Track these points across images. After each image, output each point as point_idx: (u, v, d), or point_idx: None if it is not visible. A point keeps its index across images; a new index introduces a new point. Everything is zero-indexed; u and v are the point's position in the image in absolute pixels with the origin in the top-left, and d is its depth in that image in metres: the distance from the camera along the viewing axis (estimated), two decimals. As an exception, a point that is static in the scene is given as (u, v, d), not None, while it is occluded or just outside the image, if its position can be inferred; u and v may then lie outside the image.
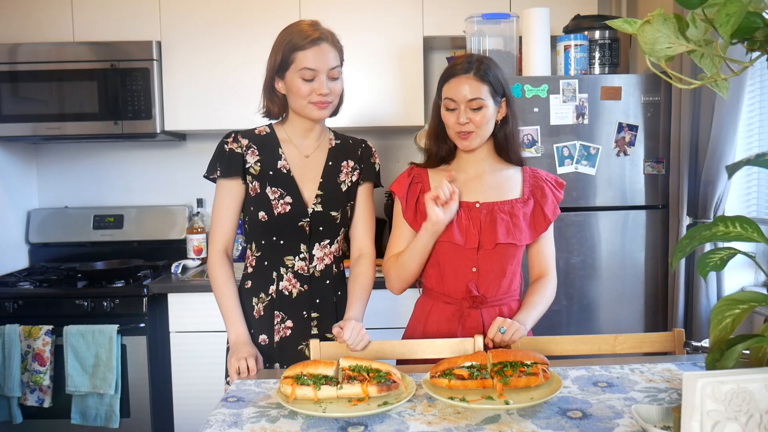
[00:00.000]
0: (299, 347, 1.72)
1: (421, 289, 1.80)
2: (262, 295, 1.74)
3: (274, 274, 1.74)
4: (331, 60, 1.67)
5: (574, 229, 2.53)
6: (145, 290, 2.61)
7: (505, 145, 1.71)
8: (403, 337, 1.79)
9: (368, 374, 1.28)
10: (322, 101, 1.66)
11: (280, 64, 1.67)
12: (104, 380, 2.50)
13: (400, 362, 1.69)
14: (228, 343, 1.73)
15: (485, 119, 1.64)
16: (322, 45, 1.66)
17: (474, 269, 1.66)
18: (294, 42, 1.65)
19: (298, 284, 1.74)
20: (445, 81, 1.67)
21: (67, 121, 2.83)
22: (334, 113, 1.78)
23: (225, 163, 1.72)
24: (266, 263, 1.74)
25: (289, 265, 1.73)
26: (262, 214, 1.71)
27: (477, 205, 1.67)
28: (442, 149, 1.73)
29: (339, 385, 1.26)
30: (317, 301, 1.75)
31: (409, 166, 1.79)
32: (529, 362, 1.34)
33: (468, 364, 1.35)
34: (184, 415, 2.68)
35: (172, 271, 2.89)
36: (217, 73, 2.90)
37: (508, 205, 1.67)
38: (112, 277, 2.76)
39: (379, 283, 2.61)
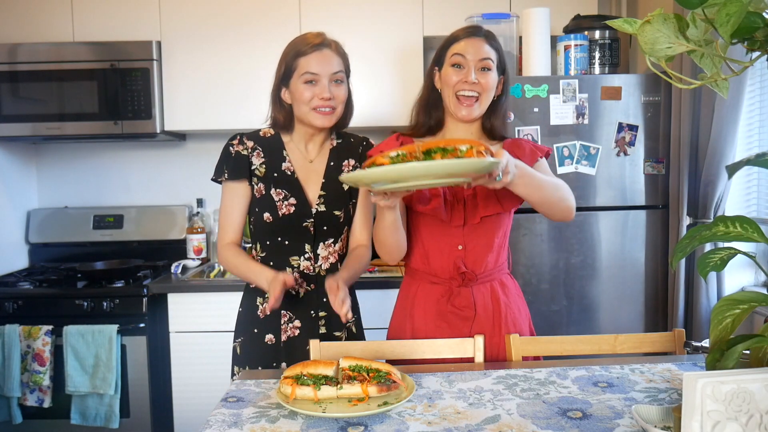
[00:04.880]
0: (307, 347, 1.72)
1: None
2: (268, 295, 1.74)
3: None
4: (334, 65, 1.68)
5: (574, 229, 2.53)
6: (145, 290, 2.61)
7: (492, 122, 1.68)
8: (390, 324, 1.78)
9: (368, 374, 1.28)
10: (325, 106, 1.67)
11: (284, 73, 1.70)
12: (104, 380, 2.50)
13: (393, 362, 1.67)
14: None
15: (491, 84, 1.62)
16: (324, 51, 1.67)
17: (460, 247, 1.64)
18: (297, 49, 1.68)
19: (305, 284, 1.74)
20: (452, 42, 1.64)
21: (67, 121, 2.83)
22: (343, 124, 1.78)
23: (232, 166, 1.73)
24: (271, 264, 1.75)
25: (295, 265, 1.74)
26: (266, 215, 1.73)
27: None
28: (431, 118, 1.70)
29: (339, 385, 1.26)
30: (324, 300, 1.75)
31: (393, 134, 1.75)
32: (463, 146, 1.28)
33: (394, 153, 1.31)
34: (184, 415, 2.68)
35: (172, 271, 2.89)
36: (217, 73, 2.90)
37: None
38: (112, 277, 2.75)
39: (379, 283, 2.63)
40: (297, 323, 1.74)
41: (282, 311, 1.74)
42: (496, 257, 1.69)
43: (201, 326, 2.65)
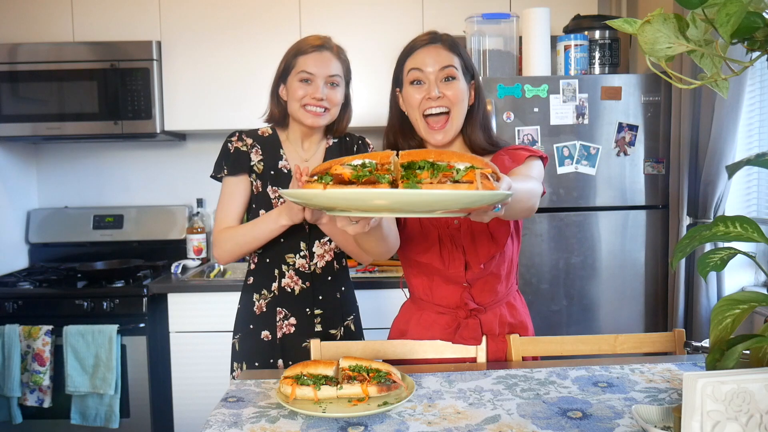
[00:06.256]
0: (303, 344, 1.73)
1: (406, 290, 1.69)
2: (264, 291, 1.77)
3: (276, 271, 1.76)
4: (332, 68, 1.69)
5: (574, 229, 2.53)
6: (145, 290, 2.61)
7: (472, 136, 1.50)
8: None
9: (368, 374, 1.28)
10: (316, 106, 1.68)
11: (283, 70, 1.73)
12: (104, 380, 2.50)
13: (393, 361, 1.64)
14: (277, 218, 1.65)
15: (460, 95, 1.44)
16: (324, 52, 1.69)
17: (465, 284, 1.55)
18: (298, 48, 1.71)
19: (300, 281, 1.76)
20: (407, 56, 1.47)
21: (67, 121, 2.83)
22: (339, 128, 1.79)
23: (231, 162, 1.75)
24: (268, 260, 1.76)
25: (290, 263, 1.76)
26: (262, 212, 1.74)
27: (456, 222, 1.52)
28: (411, 146, 1.53)
29: (339, 385, 1.26)
30: (320, 297, 1.77)
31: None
32: (461, 165, 0.95)
33: (358, 162, 0.97)
34: (184, 415, 2.68)
35: (172, 271, 2.89)
36: (217, 73, 2.90)
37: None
38: (112, 277, 2.76)
39: (378, 283, 2.62)
40: (292, 320, 1.75)
41: (278, 308, 1.75)
42: (506, 284, 1.59)
43: (201, 326, 2.65)
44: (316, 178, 1.01)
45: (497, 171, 1.01)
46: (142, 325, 2.59)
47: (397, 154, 1.03)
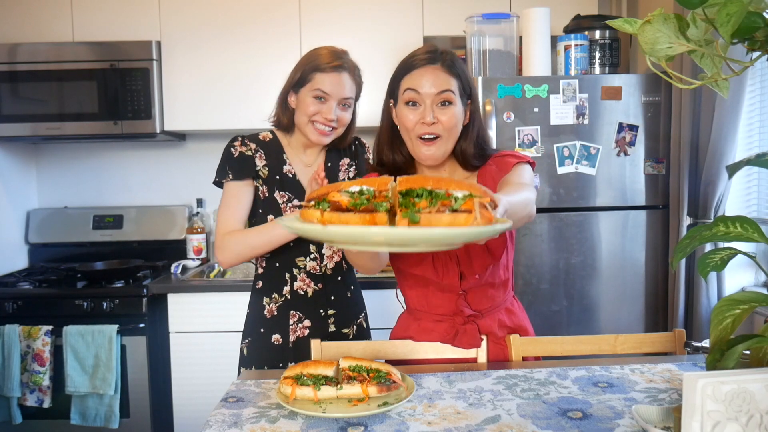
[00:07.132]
0: None
1: (399, 292, 1.69)
2: (275, 295, 1.77)
3: (287, 275, 1.76)
4: (346, 90, 1.70)
5: (574, 229, 2.53)
6: (144, 290, 2.61)
7: (465, 151, 1.49)
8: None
9: (368, 374, 1.28)
10: (326, 125, 1.68)
11: (297, 80, 1.71)
12: (104, 380, 2.50)
13: (393, 361, 1.64)
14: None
15: (454, 120, 1.42)
16: (342, 74, 1.69)
17: (461, 292, 1.54)
18: (316, 63, 1.69)
19: (312, 283, 1.77)
20: (405, 73, 1.45)
21: (66, 121, 2.83)
22: (342, 143, 1.79)
23: (236, 167, 1.74)
24: (277, 264, 1.76)
25: (301, 266, 1.76)
26: (271, 217, 1.74)
27: None
28: (397, 158, 1.51)
29: (339, 386, 1.26)
30: (332, 298, 1.78)
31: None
32: (459, 193, 0.95)
33: (356, 188, 0.97)
34: (184, 416, 2.67)
35: (172, 271, 2.89)
36: (217, 73, 2.90)
37: None
38: (111, 277, 2.75)
39: (380, 283, 2.62)
40: (307, 323, 1.76)
41: (291, 311, 1.75)
42: (503, 291, 1.60)
43: (201, 326, 2.65)
44: (313, 203, 1.00)
45: (495, 199, 1.00)
46: (142, 325, 2.59)
47: (395, 179, 1.02)
